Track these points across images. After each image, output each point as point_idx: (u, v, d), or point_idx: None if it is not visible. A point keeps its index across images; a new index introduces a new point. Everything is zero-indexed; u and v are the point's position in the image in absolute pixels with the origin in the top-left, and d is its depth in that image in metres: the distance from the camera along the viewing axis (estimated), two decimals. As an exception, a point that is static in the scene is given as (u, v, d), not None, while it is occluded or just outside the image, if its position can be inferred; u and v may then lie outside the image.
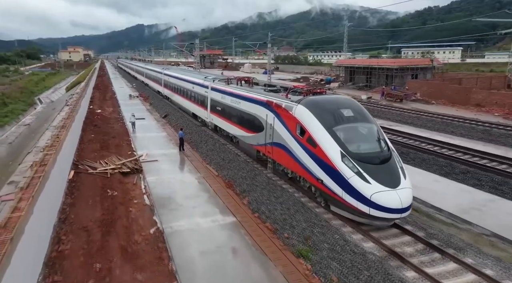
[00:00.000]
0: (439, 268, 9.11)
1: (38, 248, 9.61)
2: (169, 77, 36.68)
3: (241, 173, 15.33)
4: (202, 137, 21.91)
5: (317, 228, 10.43)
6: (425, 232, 10.87)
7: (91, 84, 63.40)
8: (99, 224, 10.99)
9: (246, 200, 12.98)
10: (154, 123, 27.69)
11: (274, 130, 14.06)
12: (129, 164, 16.80)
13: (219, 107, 21.17)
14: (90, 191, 13.70)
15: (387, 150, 11.39)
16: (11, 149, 31.12)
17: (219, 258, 9.48)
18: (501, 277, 8.71)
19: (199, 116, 26.27)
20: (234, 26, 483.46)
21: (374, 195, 9.89)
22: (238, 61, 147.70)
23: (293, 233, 10.41)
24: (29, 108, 58.95)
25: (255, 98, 16.18)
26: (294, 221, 11.00)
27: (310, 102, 12.58)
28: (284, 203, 12.21)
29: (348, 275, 8.30)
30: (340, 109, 12.01)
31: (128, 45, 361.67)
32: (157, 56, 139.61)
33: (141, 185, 14.89)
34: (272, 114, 14.31)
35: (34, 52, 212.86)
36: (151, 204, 12.93)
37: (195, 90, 26.20)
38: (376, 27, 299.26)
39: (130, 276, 8.66)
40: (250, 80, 20.71)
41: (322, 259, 9.04)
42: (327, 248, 9.44)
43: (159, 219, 11.66)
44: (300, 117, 12.32)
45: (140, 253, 9.74)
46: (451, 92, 35.32)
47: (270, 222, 11.23)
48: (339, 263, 8.78)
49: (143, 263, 9.27)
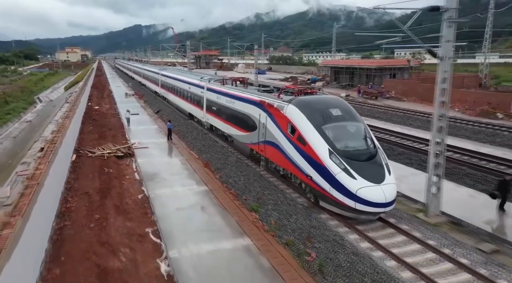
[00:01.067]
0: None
1: (51, 206, 12.41)
2: (166, 78, 37.32)
3: (217, 155, 18.25)
4: (188, 129, 24.80)
5: (267, 190, 13.35)
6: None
7: (89, 84, 66.08)
8: (98, 191, 13.84)
9: (218, 175, 15.88)
10: (147, 118, 30.52)
11: (266, 129, 14.47)
12: (123, 150, 19.66)
13: (215, 107, 21.51)
14: (90, 169, 16.54)
15: (373, 147, 11.89)
16: (16, 142, 33.91)
17: (190, 212, 12.36)
18: (397, 222, 11.56)
19: (195, 116, 26.79)
20: (232, 26, 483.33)
21: (360, 190, 10.35)
22: (234, 61, 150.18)
23: (249, 195, 13.33)
24: (30, 107, 61.71)
25: (249, 98, 16.56)
26: (252, 187, 13.92)
27: (300, 102, 13.04)
28: (247, 176, 15.13)
29: (283, 219, 11.22)
30: (329, 109, 12.47)
31: (126, 45, 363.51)
32: (154, 57, 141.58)
33: (133, 166, 17.75)
34: (264, 113, 14.71)
35: (32, 53, 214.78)
36: (140, 179, 15.79)
37: (191, 90, 26.63)
38: (373, 27, 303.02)
39: (121, 223, 11.50)
40: (245, 81, 20.90)
41: (267, 211, 11.97)
42: (272, 203, 12.36)
43: (146, 188, 14.53)
44: (291, 116, 12.76)
45: (129, 210, 12.61)
46: (422, 90, 38.38)
47: (234, 189, 14.14)
48: (278, 212, 11.70)
49: (132, 216, 12.13)
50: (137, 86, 57.72)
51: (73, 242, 9.90)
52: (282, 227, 10.96)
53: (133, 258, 9.62)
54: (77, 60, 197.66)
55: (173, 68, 55.64)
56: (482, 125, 26.10)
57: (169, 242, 10.38)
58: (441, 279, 8.60)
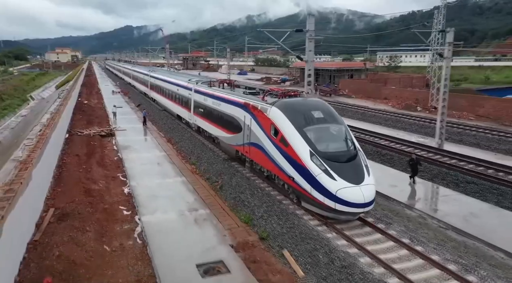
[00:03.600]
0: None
1: (52, 160, 17.77)
2: (155, 80, 37.35)
3: (177, 134, 23.90)
4: (161, 117, 30.37)
5: (205, 152, 18.97)
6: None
7: (79, 83, 70.92)
8: (85, 154, 19.31)
9: (175, 146, 21.48)
10: (130, 110, 35.91)
11: (251, 131, 14.53)
12: (106, 131, 25.11)
13: (202, 109, 21.53)
14: (79, 142, 21.97)
15: (353, 149, 12.02)
16: (14, 132, 38.91)
17: (149, 166, 17.86)
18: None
19: (183, 118, 26.71)
20: (223, 28, 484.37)
21: (339, 191, 10.46)
22: (223, 63, 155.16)
23: (193, 156, 18.93)
24: (23, 104, 66.41)
25: (234, 100, 16.65)
26: (196, 152, 19.55)
27: (283, 105, 13.16)
28: (194, 145, 20.77)
29: (209, 167, 16.87)
30: (311, 111, 12.61)
31: (117, 46, 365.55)
32: (145, 58, 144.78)
33: (112, 141, 23.21)
34: (249, 115, 14.76)
35: (21, 53, 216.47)
36: (117, 149, 21.28)
37: (180, 92, 26.62)
38: (363, 30, 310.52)
39: (101, 171, 16.98)
40: (232, 83, 20.98)
41: (201, 164, 17.59)
42: (205, 159, 17.99)
43: (121, 154, 20.02)
44: (274, 118, 12.86)
45: (107, 164, 18.11)
46: (370, 89, 44.51)
47: (184, 153, 19.74)
48: (207, 164, 17.33)
49: (108, 168, 17.63)
50: (123, 85, 62.87)
51: (68, 178, 15.39)
52: (207, 171, 16.62)
53: (107, 186, 15.14)
54: (68, 61, 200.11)
55: (162, 70, 57.71)
56: (402, 116, 32.03)
57: (131, 179, 15.92)
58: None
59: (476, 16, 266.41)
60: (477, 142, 21.86)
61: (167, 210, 12.77)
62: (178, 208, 12.92)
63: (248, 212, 12.33)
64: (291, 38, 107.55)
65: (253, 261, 9.55)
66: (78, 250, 9.56)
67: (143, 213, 12.44)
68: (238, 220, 12.05)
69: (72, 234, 10.39)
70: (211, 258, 9.68)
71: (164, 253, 9.91)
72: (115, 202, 13.46)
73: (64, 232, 10.49)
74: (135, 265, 9.44)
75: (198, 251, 10.05)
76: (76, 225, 10.96)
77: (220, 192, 14.37)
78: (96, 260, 9.43)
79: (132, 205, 13.32)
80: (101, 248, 10.07)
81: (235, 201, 13.34)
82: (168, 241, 10.53)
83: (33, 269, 8.62)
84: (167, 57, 54.59)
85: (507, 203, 13.48)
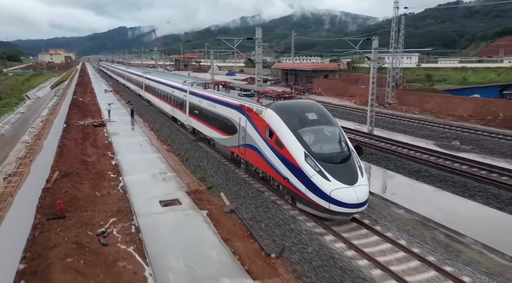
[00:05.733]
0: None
1: (53, 142, 21.96)
2: (150, 81, 37.53)
3: (159, 124, 28.28)
4: (147, 111, 34.69)
5: (179, 136, 23.33)
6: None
7: (74, 82, 74.86)
8: (81, 138, 23.58)
9: (157, 133, 25.82)
10: (120, 105, 40.13)
11: (246, 133, 14.65)
12: (98, 122, 29.35)
13: (197, 110, 21.67)
14: (76, 130, 26.20)
15: (347, 150, 12.24)
16: (14, 127, 42.90)
17: (133, 146, 22.11)
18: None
19: (179, 120, 26.74)
20: (217, 29, 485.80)
21: (333, 192, 10.68)
22: (216, 64, 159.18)
23: (169, 140, 23.29)
24: (20, 102, 70.17)
25: (230, 102, 16.80)
26: (172, 136, 23.91)
27: (278, 107, 13.37)
28: (172, 131, 25.11)
29: (180, 147, 21.24)
30: (306, 113, 12.83)
31: (111, 47, 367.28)
32: (139, 59, 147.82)
33: (104, 130, 27.46)
34: (244, 117, 14.89)
35: (15, 54, 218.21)
36: (107, 135, 25.54)
37: (175, 94, 26.71)
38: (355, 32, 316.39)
39: (94, 150, 21.25)
40: (227, 85, 21.22)
41: (175, 145, 21.95)
42: (179, 141, 22.35)
43: (110, 138, 24.29)
44: (269, 120, 13.04)
45: (99, 146, 22.40)
46: (340, 88, 49.24)
47: (162, 137, 24.07)
48: (180, 144, 21.69)
49: (100, 148, 21.91)
50: (115, 84, 66.93)
51: (68, 154, 19.64)
52: (178, 149, 21.02)
53: (99, 159, 19.42)
54: (61, 62, 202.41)
55: (156, 71, 57.95)
56: (356, 110, 36.64)
57: (118, 155, 20.20)
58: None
59: (466, 19, 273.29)
60: (404, 129, 26.66)
61: (143, 173, 17.11)
62: (152, 172, 17.26)
63: (203, 173, 16.71)
64: (286, 39, 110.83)
65: (199, 199, 13.93)
66: (78, 192, 13.86)
67: (125, 175, 16.78)
68: (195, 178, 16.43)
69: (73, 184, 14.68)
70: (170, 198, 14.05)
71: (138, 195, 14.24)
72: (105, 169, 17.77)
73: (67, 183, 14.75)
74: (117, 203, 13.73)
75: (162, 194, 14.41)
76: (76, 180, 15.24)
77: (186, 162, 18.76)
78: (91, 198, 13.73)
79: (118, 171, 17.63)
80: (94, 194, 14.36)
81: (195, 167, 17.73)
82: (142, 190, 14.86)
83: (48, 199, 12.94)
84: (155, 58, 58.62)
85: (418, 175, 16.59)
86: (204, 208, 13.21)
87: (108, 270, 9.14)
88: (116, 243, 10.72)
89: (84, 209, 12.72)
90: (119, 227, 11.69)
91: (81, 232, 10.93)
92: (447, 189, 14.89)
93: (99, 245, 10.45)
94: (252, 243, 10.73)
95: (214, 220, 12.17)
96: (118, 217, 12.41)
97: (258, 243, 10.59)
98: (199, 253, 10.17)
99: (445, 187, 15.17)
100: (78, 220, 11.78)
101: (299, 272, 9.17)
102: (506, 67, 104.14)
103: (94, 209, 12.89)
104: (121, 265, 9.50)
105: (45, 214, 12.07)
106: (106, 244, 10.55)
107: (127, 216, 12.61)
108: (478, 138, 23.20)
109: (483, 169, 17.30)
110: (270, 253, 9.97)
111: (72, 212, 12.33)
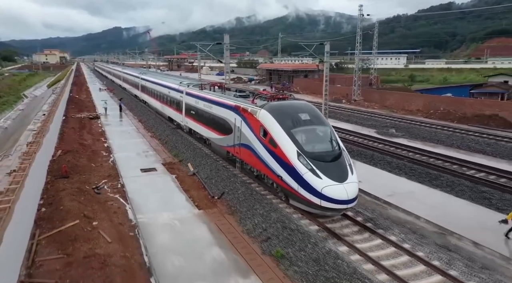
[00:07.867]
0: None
1: (55, 130, 26.03)
2: (146, 82, 37.75)
3: (146, 116, 32.50)
4: (137, 106, 38.91)
5: (168, 130, 27.53)
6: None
7: (70, 82, 78.71)
8: (78, 127, 27.71)
9: (144, 124, 30.01)
10: (113, 102, 44.23)
11: (241, 133, 15.06)
12: (93, 115, 33.49)
13: (193, 111, 22.10)
14: (73, 121, 30.29)
15: (338, 149, 12.74)
16: (15, 122, 46.80)
17: (122, 134, 26.31)
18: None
19: (175, 120, 27.25)
20: (213, 30, 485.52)
21: (324, 189, 11.12)
22: (209, 65, 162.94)
23: (157, 132, 27.47)
24: (19, 101, 73.86)
25: (225, 103, 17.19)
26: (160, 129, 28.11)
27: (272, 107, 13.77)
28: (158, 122, 29.33)
29: (170, 140, 25.44)
30: (298, 114, 13.27)
31: (106, 47, 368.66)
32: (134, 59, 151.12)
33: (98, 122, 31.59)
34: (240, 118, 15.27)
35: (9, 54, 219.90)
36: (101, 125, 29.69)
37: (171, 95, 27.13)
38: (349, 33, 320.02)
39: (90, 136, 25.41)
40: (223, 86, 21.74)
41: (165, 138, 26.15)
42: (166, 135, 26.56)
43: (103, 128, 28.46)
44: (263, 120, 13.42)
45: (94, 133, 26.57)
46: (316, 86, 53.69)
47: (148, 127, 28.27)
48: (169, 138, 25.88)
49: (95, 135, 26.07)
50: (109, 83, 70.89)
51: (68, 139, 23.73)
52: (160, 135, 25.26)
53: (94, 143, 23.58)
54: (56, 62, 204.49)
55: (153, 72, 58.37)
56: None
57: (109, 139, 24.39)
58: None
59: (458, 20, 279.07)
60: (356, 121, 31.24)
61: (130, 151, 21.36)
62: (137, 151, 21.53)
63: (177, 151, 21.01)
64: (282, 39, 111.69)
65: (171, 168, 18.22)
66: (77, 162, 18.05)
67: (115, 153, 21.01)
68: (171, 155, 20.72)
69: (73, 157, 18.85)
70: (149, 167, 18.33)
71: (124, 166, 18.48)
72: (99, 149, 21.97)
73: (68, 157, 18.90)
74: (108, 171, 17.92)
75: (143, 165, 18.69)
76: (76, 155, 19.39)
77: (165, 144, 23.02)
78: (88, 167, 17.90)
79: (109, 150, 21.83)
80: (90, 164, 18.54)
81: (172, 147, 22.03)
82: (127, 162, 19.12)
83: (55, 166, 17.13)
84: (146, 59, 62.55)
85: (365, 160, 19.91)
86: (174, 173, 17.50)
87: (100, 205, 13.36)
88: (106, 193, 14.97)
89: (83, 173, 16.89)
90: (109, 185, 15.92)
91: (81, 186, 15.11)
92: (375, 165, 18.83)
93: (94, 194, 14.67)
94: (204, 191, 15.08)
95: (179, 180, 16.49)
96: (109, 179, 16.63)
97: (207, 191, 14.90)
98: (165, 196, 14.56)
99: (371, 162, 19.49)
100: (78, 180, 15.96)
101: (230, 205, 13.51)
102: (489, 68, 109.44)
103: (90, 173, 17.07)
104: (110, 204, 13.74)
105: (54, 175, 16.25)
106: (99, 193, 14.78)
107: (115, 178, 16.84)
108: (409, 126, 27.83)
109: (404, 149, 21.72)
110: (214, 196, 14.28)
111: (74, 175, 16.51)
